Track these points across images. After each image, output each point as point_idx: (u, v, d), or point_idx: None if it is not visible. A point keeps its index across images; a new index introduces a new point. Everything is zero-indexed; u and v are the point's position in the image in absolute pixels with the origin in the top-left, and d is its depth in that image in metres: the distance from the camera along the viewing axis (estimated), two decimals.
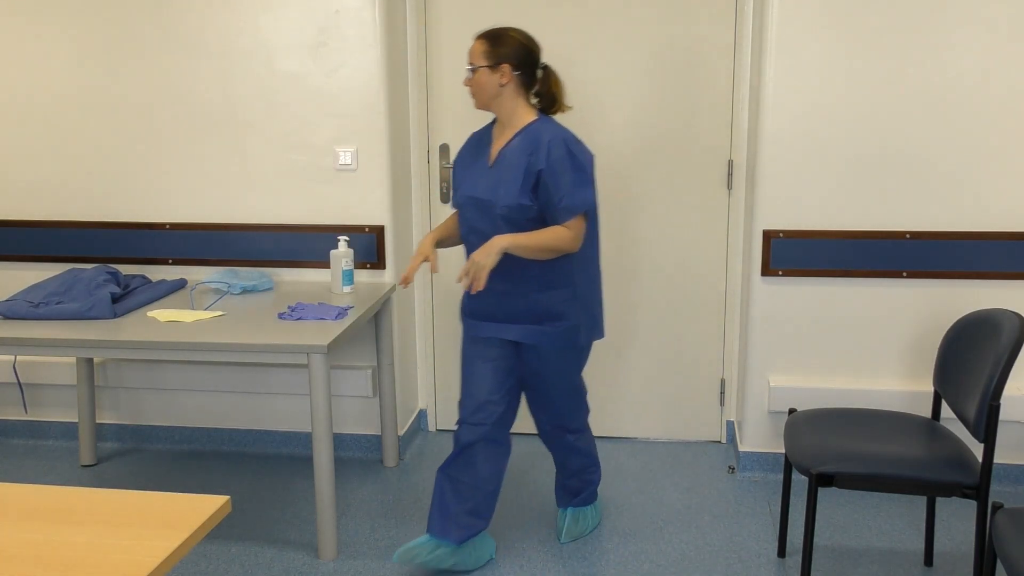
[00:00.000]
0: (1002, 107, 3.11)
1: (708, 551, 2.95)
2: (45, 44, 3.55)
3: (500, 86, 2.61)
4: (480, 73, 2.61)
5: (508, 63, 2.60)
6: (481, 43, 2.62)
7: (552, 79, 2.70)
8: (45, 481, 3.51)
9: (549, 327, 2.70)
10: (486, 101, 2.66)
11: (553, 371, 2.77)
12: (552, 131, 2.61)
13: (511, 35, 2.62)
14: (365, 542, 3.03)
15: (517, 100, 2.66)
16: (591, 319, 2.76)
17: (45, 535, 1.54)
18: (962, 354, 2.59)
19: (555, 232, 2.57)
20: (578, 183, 2.57)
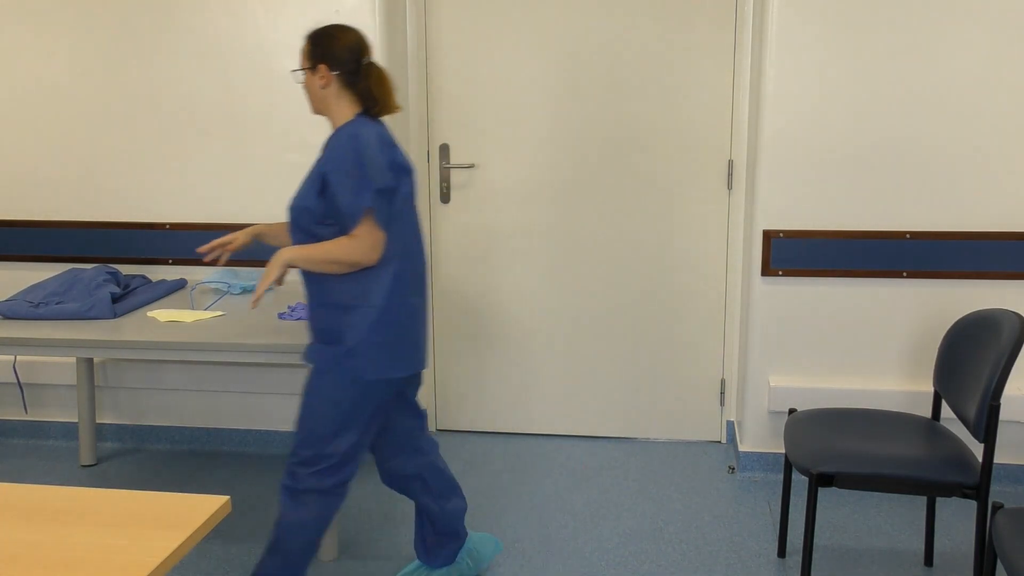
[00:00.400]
0: (1002, 107, 3.11)
1: (708, 551, 2.95)
2: (45, 44, 3.55)
3: (321, 88, 2.40)
4: (304, 76, 2.42)
5: (324, 63, 2.38)
6: (304, 43, 2.42)
7: (373, 76, 2.42)
8: (45, 481, 3.51)
9: (321, 345, 2.41)
10: (315, 105, 2.44)
11: (311, 391, 2.42)
12: (350, 130, 2.34)
13: (329, 32, 2.40)
14: (365, 542, 3.03)
15: (341, 102, 2.41)
16: (383, 351, 2.39)
17: (45, 535, 1.54)
18: (962, 354, 2.59)
19: (337, 242, 2.31)
20: (359, 187, 2.28)
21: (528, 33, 3.56)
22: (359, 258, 2.31)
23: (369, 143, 2.31)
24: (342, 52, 2.38)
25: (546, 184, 3.67)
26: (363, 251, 2.31)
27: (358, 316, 2.36)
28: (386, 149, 2.35)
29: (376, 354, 2.38)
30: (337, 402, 2.40)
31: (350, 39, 2.40)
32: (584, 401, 3.83)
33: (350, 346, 2.36)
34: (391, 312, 2.39)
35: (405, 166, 2.39)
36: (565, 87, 3.58)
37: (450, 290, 3.82)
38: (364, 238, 2.30)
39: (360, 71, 2.40)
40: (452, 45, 3.62)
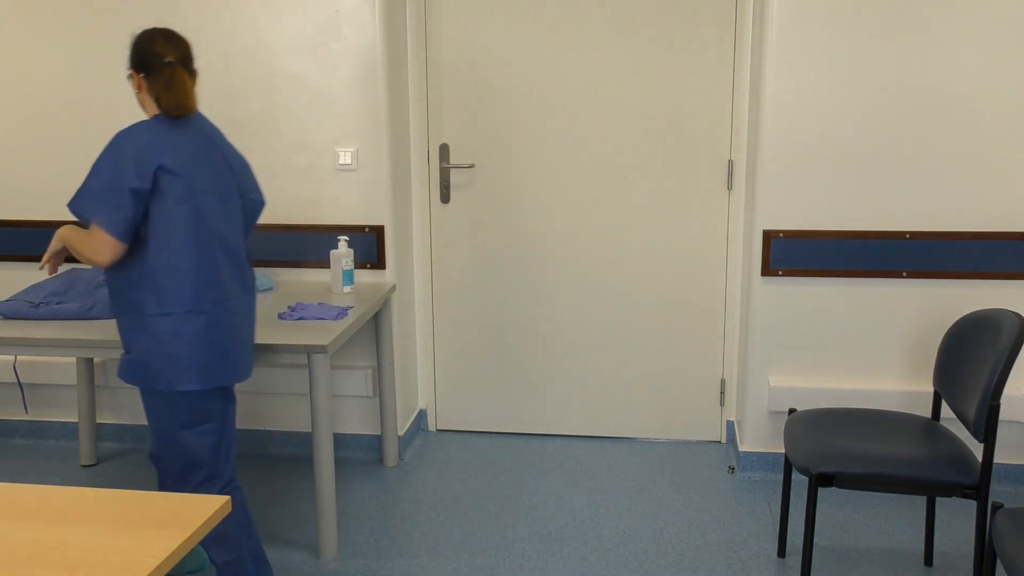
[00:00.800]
0: (1002, 107, 3.11)
1: (708, 551, 2.95)
2: (45, 44, 3.55)
3: (139, 93, 2.38)
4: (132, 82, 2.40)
5: (133, 68, 2.37)
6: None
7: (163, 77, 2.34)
8: (45, 481, 3.51)
9: (129, 358, 2.39)
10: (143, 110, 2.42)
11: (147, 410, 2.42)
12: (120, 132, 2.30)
13: (138, 36, 2.37)
14: (365, 542, 3.03)
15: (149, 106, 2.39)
16: (173, 362, 2.33)
17: (45, 535, 1.54)
18: (962, 354, 2.59)
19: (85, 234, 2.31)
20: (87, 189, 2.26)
21: (528, 33, 3.56)
22: (89, 255, 2.28)
23: (123, 147, 2.26)
24: (144, 55, 2.35)
25: (546, 184, 3.67)
26: (91, 249, 2.27)
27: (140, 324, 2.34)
28: (138, 154, 2.25)
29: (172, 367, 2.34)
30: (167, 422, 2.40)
31: (151, 42, 2.35)
32: (584, 401, 3.84)
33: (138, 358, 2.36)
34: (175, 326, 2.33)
35: (169, 169, 2.28)
36: (565, 87, 3.58)
37: (450, 290, 3.82)
38: (92, 239, 2.27)
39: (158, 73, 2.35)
40: (452, 45, 3.62)
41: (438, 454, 3.72)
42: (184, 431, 2.41)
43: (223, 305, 2.40)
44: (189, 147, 2.34)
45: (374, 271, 3.54)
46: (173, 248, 2.31)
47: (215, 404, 2.44)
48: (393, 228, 3.52)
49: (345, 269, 3.31)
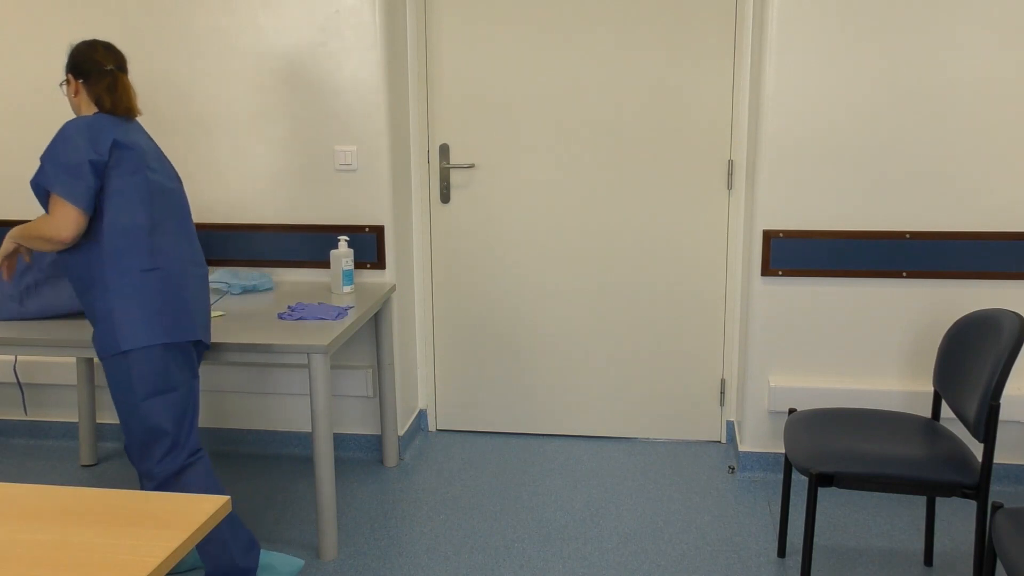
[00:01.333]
0: (1002, 107, 3.11)
1: (708, 551, 2.95)
2: (45, 44, 3.55)
3: (74, 97, 2.54)
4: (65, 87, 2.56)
5: (70, 73, 2.53)
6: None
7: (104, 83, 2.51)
8: (45, 481, 3.51)
9: (96, 330, 2.47)
10: (74, 112, 2.59)
11: (111, 385, 2.49)
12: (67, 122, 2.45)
13: (76, 46, 2.55)
14: (365, 542, 3.03)
15: (92, 110, 2.53)
16: (134, 320, 2.43)
17: (45, 535, 1.54)
18: (962, 354, 2.59)
19: (39, 218, 2.41)
20: (46, 168, 2.38)
21: (528, 33, 3.56)
22: (51, 234, 2.36)
23: (75, 127, 2.41)
24: (83, 61, 2.52)
25: (546, 184, 3.67)
26: (54, 227, 2.36)
27: (103, 291, 2.43)
28: (91, 132, 2.40)
29: (133, 324, 2.43)
30: (136, 389, 2.45)
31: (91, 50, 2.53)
32: (584, 401, 3.84)
33: (107, 323, 2.43)
34: (135, 283, 2.44)
35: (122, 143, 2.43)
36: (565, 87, 3.58)
37: (450, 290, 3.82)
38: (53, 215, 2.36)
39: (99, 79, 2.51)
40: (452, 45, 3.62)
41: (438, 454, 3.72)
42: (146, 401, 2.46)
43: (178, 266, 2.52)
44: (138, 134, 2.52)
45: (374, 271, 3.54)
46: (128, 212, 2.44)
47: (176, 369, 2.50)
48: (393, 228, 3.52)
49: (345, 269, 3.31)
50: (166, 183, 2.54)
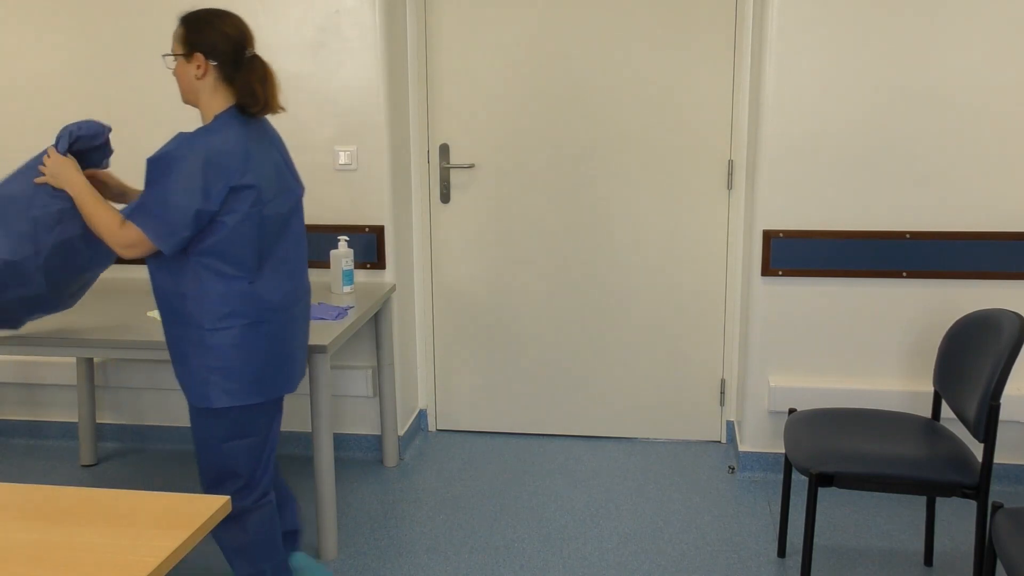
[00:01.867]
0: (1002, 107, 3.11)
1: (708, 551, 2.95)
2: (45, 44, 3.55)
3: (196, 79, 2.22)
4: (177, 63, 2.23)
5: (201, 51, 2.19)
6: (179, 28, 2.22)
7: (256, 72, 2.24)
8: (45, 481, 3.51)
9: (183, 370, 2.31)
10: (186, 95, 2.27)
11: (193, 420, 2.37)
12: (178, 142, 2.16)
13: (205, 17, 2.21)
14: (365, 542, 3.03)
15: (215, 96, 2.23)
16: (229, 376, 2.28)
17: (45, 535, 1.54)
18: (962, 354, 2.59)
19: (109, 216, 2.21)
20: (146, 198, 2.16)
21: (528, 33, 3.56)
22: (108, 241, 2.20)
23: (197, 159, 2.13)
24: (224, 42, 2.20)
25: (546, 184, 3.67)
26: (115, 239, 2.20)
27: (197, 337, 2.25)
28: (212, 171, 2.14)
29: (227, 381, 2.28)
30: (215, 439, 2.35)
31: (234, 30, 2.22)
32: (584, 401, 3.84)
33: (194, 371, 2.28)
34: (227, 340, 2.25)
35: (240, 185, 2.18)
36: (565, 87, 3.58)
37: (450, 290, 3.82)
38: (127, 233, 2.19)
39: (242, 64, 2.23)
40: (452, 45, 3.62)
41: (438, 454, 3.72)
42: (227, 443, 2.36)
43: (284, 313, 2.33)
44: (262, 155, 2.25)
45: (374, 271, 3.54)
46: (235, 259, 2.22)
47: (263, 416, 2.39)
48: (393, 228, 3.52)
49: (345, 269, 3.31)
50: (280, 210, 2.29)
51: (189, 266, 2.23)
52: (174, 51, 2.24)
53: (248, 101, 2.23)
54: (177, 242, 2.17)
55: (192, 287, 2.23)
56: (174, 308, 2.27)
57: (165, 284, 2.27)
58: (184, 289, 2.24)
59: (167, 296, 2.28)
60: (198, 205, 2.14)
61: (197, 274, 2.23)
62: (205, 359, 2.27)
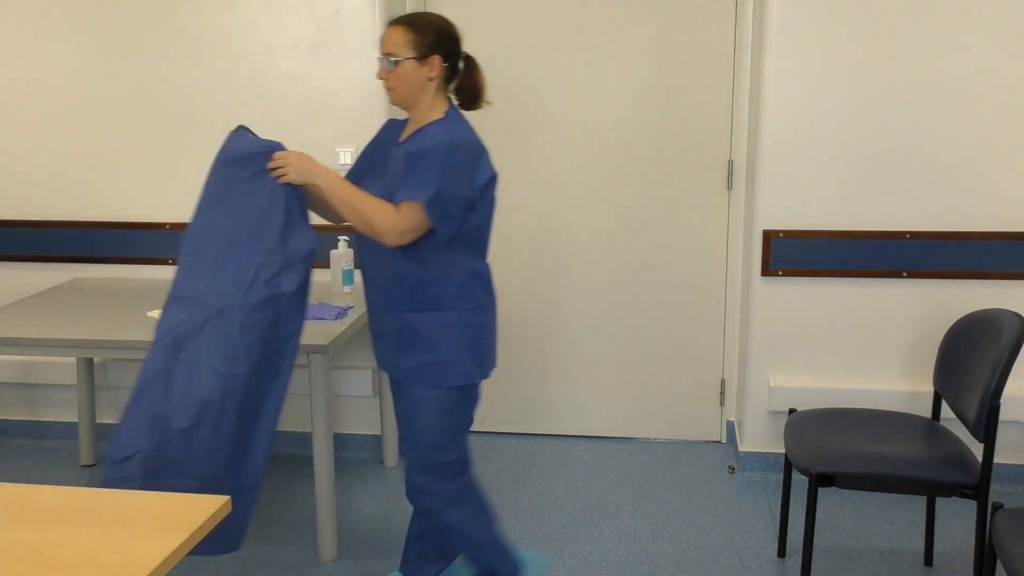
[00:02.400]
0: (1002, 107, 3.11)
1: (708, 551, 2.95)
2: (45, 44, 3.55)
3: (428, 80, 2.28)
4: (406, 66, 2.26)
5: (438, 54, 2.28)
6: (404, 31, 2.27)
7: (477, 71, 2.37)
8: (45, 481, 3.51)
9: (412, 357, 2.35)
10: (409, 96, 2.30)
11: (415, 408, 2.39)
12: (440, 136, 2.24)
13: (436, 21, 2.30)
14: (365, 542, 3.03)
15: (438, 95, 2.33)
16: (480, 352, 2.37)
17: (45, 535, 1.54)
18: (962, 354, 2.59)
19: (378, 203, 2.22)
20: (427, 177, 2.19)
21: (528, 34, 3.56)
22: (382, 228, 2.20)
23: (468, 151, 2.25)
24: (453, 45, 2.32)
25: (546, 184, 3.67)
26: (392, 225, 2.20)
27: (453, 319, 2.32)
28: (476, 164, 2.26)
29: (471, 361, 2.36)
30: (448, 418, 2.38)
31: (457, 32, 2.35)
32: (584, 401, 3.83)
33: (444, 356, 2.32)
34: (482, 317, 2.37)
35: (492, 177, 2.31)
36: (565, 87, 3.58)
37: None
38: (404, 219, 2.20)
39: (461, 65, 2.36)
40: None
41: None
42: (452, 429, 2.40)
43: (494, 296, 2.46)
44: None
45: None
46: (479, 245, 2.36)
47: (473, 399, 2.46)
48: None
49: (345, 269, 3.31)
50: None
51: (442, 253, 2.30)
52: (401, 54, 2.27)
53: (468, 97, 2.37)
54: (452, 228, 2.25)
55: (446, 272, 2.31)
56: (422, 295, 2.32)
57: (413, 273, 2.32)
58: (437, 275, 2.31)
59: (413, 285, 2.32)
60: (468, 193, 2.25)
61: (453, 260, 2.31)
62: (461, 339, 2.34)
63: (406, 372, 2.36)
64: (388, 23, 2.33)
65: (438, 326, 2.33)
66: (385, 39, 2.29)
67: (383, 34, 2.31)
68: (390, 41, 2.28)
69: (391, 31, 2.29)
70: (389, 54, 2.27)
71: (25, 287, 3.73)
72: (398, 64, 2.26)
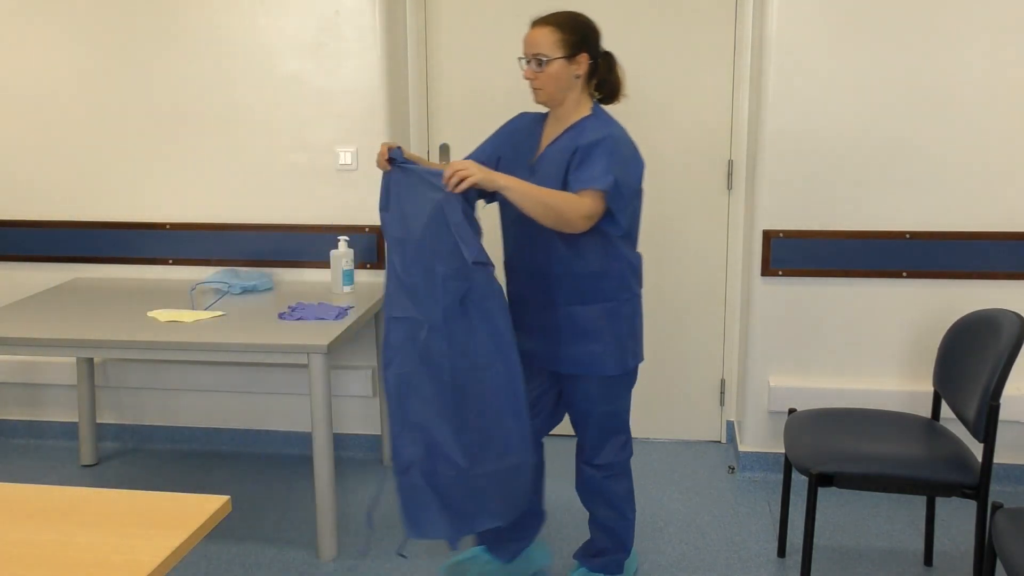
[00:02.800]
0: (1002, 107, 3.11)
1: (708, 551, 2.95)
2: (46, 45, 3.55)
3: (576, 78, 2.35)
4: (556, 65, 2.32)
5: (585, 52, 2.34)
6: (551, 31, 2.33)
7: (616, 66, 2.44)
8: (45, 481, 3.51)
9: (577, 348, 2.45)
10: (557, 95, 2.38)
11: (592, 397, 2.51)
12: (603, 130, 2.33)
13: (581, 20, 2.37)
14: (365, 542, 3.03)
15: (584, 92, 2.40)
16: (639, 338, 2.52)
17: (45, 535, 1.54)
18: (962, 354, 2.59)
19: (565, 195, 2.26)
20: (604, 167, 2.27)
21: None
22: (572, 215, 2.24)
23: (630, 147, 2.37)
24: (597, 42, 2.39)
25: None
26: (584, 210, 2.25)
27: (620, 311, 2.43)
28: (638, 156, 2.39)
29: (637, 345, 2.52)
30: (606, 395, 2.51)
31: (597, 27, 2.42)
32: None
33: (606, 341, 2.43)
34: (637, 306, 2.50)
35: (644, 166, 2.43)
36: None
37: None
38: (589, 204, 2.26)
39: (609, 62, 2.43)
40: (452, 45, 3.62)
41: None
42: (621, 408, 2.56)
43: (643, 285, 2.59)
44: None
45: (374, 271, 3.54)
46: (634, 238, 2.47)
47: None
48: None
49: (345, 269, 3.31)
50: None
51: (602, 246, 2.39)
52: (550, 54, 2.33)
53: (609, 92, 2.45)
54: (628, 216, 2.37)
55: (607, 265, 2.40)
56: (584, 289, 2.42)
57: (576, 268, 2.40)
58: (598, 269, 2.40)
59: (576, 279, 2.41)
60: (636, 184, 2.38)
61: (614, 252, 2.41)
62: (620, 329, 2.45)
63: (569, 363, 2.47)
64: (533, 23, 2.38)
65: (599, 318, 2.43)
66: (533, 40, 2.34)
67: (529, 35, 2.36)
68: (539, 42, 2.34)
69: (539, 32, 2.34)
70: (539, 55, 2.33)
71: (25, 287, 3.74)
72: (548, 64, 2.33)
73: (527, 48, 2.36)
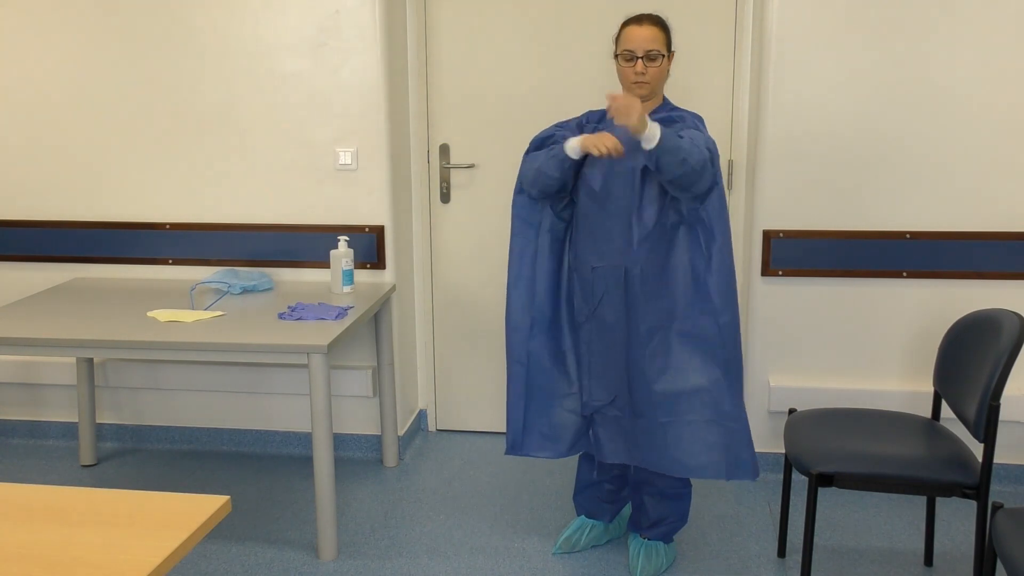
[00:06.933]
0: (1002, 107, 3.11)
1: (708, 551, 2.95)
2: (45, 44, 3.55)
3: (669, 72, 2.63)
4: (665, 61, 2.58)
5: (673, 49, 2.62)
6: (660, 30, 2.57)
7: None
8: (45, 481, 3.51)
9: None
10: (658, 88, 2.63)
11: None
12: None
13: (667, 21, 2.62)
14: (365, 542, 3.03)
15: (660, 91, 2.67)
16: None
17: (45, 535, 1.54)
18: (962, 354, 2.59)
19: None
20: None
21: (528, 33, 3.56)
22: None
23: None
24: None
25: None
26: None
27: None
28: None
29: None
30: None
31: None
32: None
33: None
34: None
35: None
36: (565, 86, 3.58)
37: (450, 290, 3.82)
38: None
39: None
40: (452, 45, 3.62)
41: (438, 454, 3.72)
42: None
43: None
44: None
45: (374, 271, 3.54)
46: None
47: None
48: (393, 228, 3.52)
49: (345, 269, 3.31)
50: None
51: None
52: (663, 51, 2.56)
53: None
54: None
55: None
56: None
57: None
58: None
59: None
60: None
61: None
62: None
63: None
64: (636, 22, 2.57)
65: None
66: (648, 37, 2.53)
67: (639, 33, 2.54)
68: (656, 39, 2.54)
69: (651, 31, 2.54)
70: (652, 51, 2.53)
71: (25, 287, 3.74)
72: (661, 60, 2.55)
73: (639, 44, 2.53)
